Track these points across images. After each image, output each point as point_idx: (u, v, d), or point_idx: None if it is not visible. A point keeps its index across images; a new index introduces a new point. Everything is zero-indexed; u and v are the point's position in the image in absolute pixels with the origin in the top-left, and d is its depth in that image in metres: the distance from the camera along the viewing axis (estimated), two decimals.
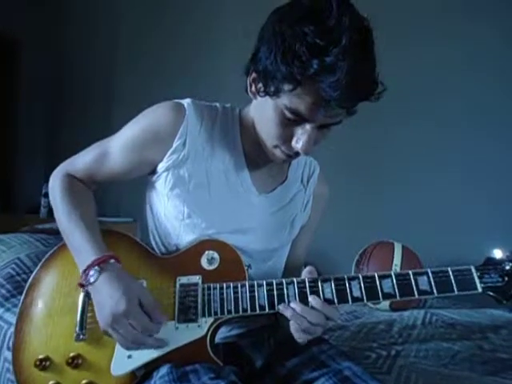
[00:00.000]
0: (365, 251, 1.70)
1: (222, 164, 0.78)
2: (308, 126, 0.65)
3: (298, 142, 0.66)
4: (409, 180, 2.07)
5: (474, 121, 1.95)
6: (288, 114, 0.64)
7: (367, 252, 1.68)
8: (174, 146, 0.75)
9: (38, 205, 2.58)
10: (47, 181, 0.81)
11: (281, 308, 0.67)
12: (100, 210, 0.82)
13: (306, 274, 0.69)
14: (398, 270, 1.55)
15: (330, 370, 0.70)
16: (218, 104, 0.82)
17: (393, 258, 1.60)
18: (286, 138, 0.68)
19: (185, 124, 0.74)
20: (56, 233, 0.85)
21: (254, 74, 0.68)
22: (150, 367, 0.69)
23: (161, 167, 0.77)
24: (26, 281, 0.79)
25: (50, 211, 0.83)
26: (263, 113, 0.69)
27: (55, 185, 0.80)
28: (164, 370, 0.67)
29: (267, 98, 0.66)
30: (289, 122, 0.66)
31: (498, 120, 1.91)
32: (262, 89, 0.65)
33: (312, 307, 0.66)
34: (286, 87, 0.61)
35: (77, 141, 0.83)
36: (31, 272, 0.80)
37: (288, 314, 0.66)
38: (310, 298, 0.66)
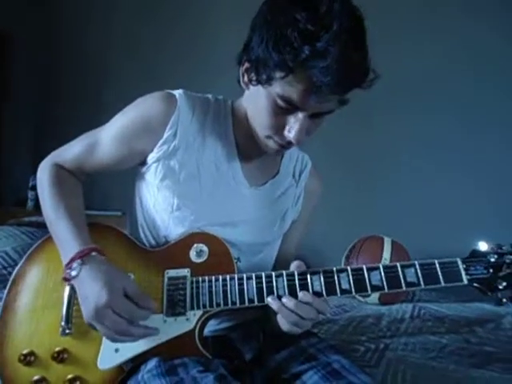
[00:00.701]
0: (354, 246, 1.71)
1: (214, 155, 0.77)
2: (300, 115, 0.65)
3: (291, 131, 0.66)
4: (399, 176, 2.08)
5: (464, 115, 1.97)
6: (280, 103, 0.64)
7: (357, 246, 1.70)
8: (165, 136, 0.74)
9: (25, 198, 2.54)
10: (34, 173, 0.80)
11: (269, 300, 0.66)
12: (88, 203, 0.81)
13: (294, 267, 0.69)
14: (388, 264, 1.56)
15: (318, 362, 0.70)
16: (210, 96, 0.81)
17: (382, 252, 1.62)
18: (279, 127, 0.68)
19: (176, 114, 0.74)
20: (42, 226, 0.84)
21: (246, 64, 0.68)
22: (137, 361, 0.68)
23: (151, 158, 0.76)
24: (11, 274, 0.78)
25: (37, 204, 0.82)
26: (256, 103, 0.69)
27: (43, 176, 0.78)
28: (152, 363, 0.66)
29: (259, 87, 0.66)
30: (281, 111, 0.66)
31: (487, 114, 1.94)
32: (255, 78, 0.65)
33: (302, 301, 0.66)
34: (278, 75, 0.61)
35: (65, 133, 0.82)
36: (17, 265, 0.79)
37: (275, 306, 0.66)
38: (301, 294, 0.66)
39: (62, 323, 0.70)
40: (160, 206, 0.77)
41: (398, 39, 2.01)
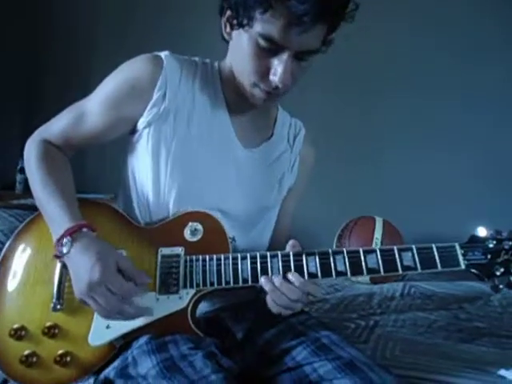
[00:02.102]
0: (347, 226, 1.72)
1: (205, 118, 0.76)
2: (284, 56, 0.64)
3: (276, 73, 0.65)
4: (393, 157, 2.07)
5: (460, 94, 1.94)
6: (262, 43, 0.63)
7: (349, 227, 1.71)
8: (154, 97, 0.72)
9: (14, 181, 2.52)
10: (23, 156, 0.77)
11: (262, 280, 0.66)
12: (79, 185, 0.79)
13: (289, 248, 0.68)
14: (379, 243, 1.59)
15: (307, 338, 0.70)
16: (197, 58, 0.80)
17: (374, 232, 1.63)
18: (263, 72, 0.66)
19: (163, 75, 0.72)
20: (31, 209, 0.81)
21: (227, 12, 0.67)
22: (128, 338, 0.67)
23: (141, 123, 0.74)
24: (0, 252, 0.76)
25: (26, 187, 0.80)
26: (239, 50, 0.68)
27: (30, 152, 0.76)
28: (143, 340, 0.66)
29: (241, 32, 0.66)
30: (264, 54, 0.65)
31: (479, 94, 1.91)
32: (236, 22, 0.65)
33: (292, 283, 0.65)
34: (258, 12, 0.61)
35: (54, 115, 0.79)
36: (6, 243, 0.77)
37: (268, 287, 0.65)
38: (290, 276, 0.65)
39: (54, 299, 0.69)
40: (153, 173, 0.74)
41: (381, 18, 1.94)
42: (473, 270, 0.60)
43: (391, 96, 2.04)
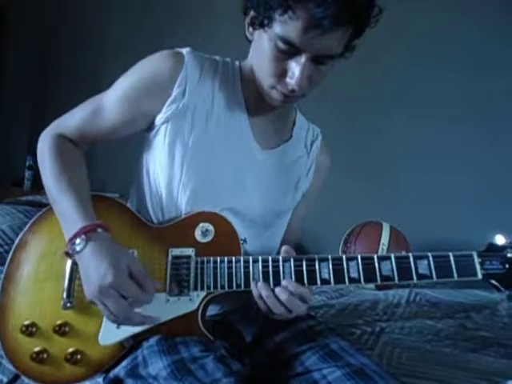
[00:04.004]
0: (353, 231, 1.71)
1: (223, 117, 0.75)
2: (302, 59, 0.63)
3: (292, 76, 0.65)
4: (402, 162, 2.06)
5: (470, 105, 1.93)
6: (280, 45, 0.63)
7: (355, 231, 1.70)
8: (174, 94, 0.72)
9: (23, 178, 2.54)
10: (31, 153, 0.76)
11: (251, 285, 0.66)
12: None
13: (283, 253, 0.67)
14: (386, 249, 1.57)
15: (317, 344, 0.70)
16: (217, 57, 0.79)
17: (380, 237, 1.62)
18: (281, 74, 0.66)
19: (184, 71, 0.72)
20: (40, 205, 0.81)
21: (251, 12, 0.67)
22: (138, 338, 0.67)
23: (159, 119, 0.73)
24: (8, 252, 0.76)
25: (34, 184, 0.79)
26: (259, 50, 0.68)
27: (44, 145, 0.75)
28: (153, 340, 0.66)
29: (262, 32, 0.66)
30: (282, 56, 0.64)
31: (500, 107, 1.90)
32: (257, 22, 0.65)
33: (288, 290, 0.65)
34: (277, 13, 0.61)
35: (63, 112, 0.78)
36: (13, 243, 0.76)
37: (264, 293, 0.65)
38: (285, 282, 0.65)
39: (64, 297, 0.69)
40: (169, 172, 0.74)
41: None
42: (490, 281, 0.59)
43: (400, 102, 2.03)
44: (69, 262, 0.71)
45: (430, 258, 0.62)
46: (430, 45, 1.99)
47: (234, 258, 0.69)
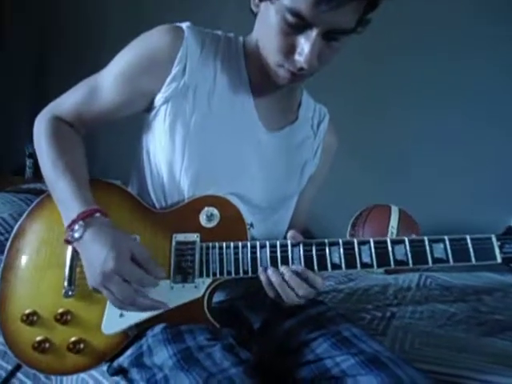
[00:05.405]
0: (361, 214, 1.68)
1: (226, 97, 0.71)
2: (312, 34, 0.59)
3: (301, 53, 0.60)
4: (410, 144, 2.00)
5: (478, 91, 1.86)
6: (289, 18, 0.58)
7: (363, 215, 1.66)
8: (173, 72, 0.68)
9: (24, 166, 2.53)
10: (32, 141, 0.74)
11: (259, 271, 0.64)
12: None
13: (289, 238, 0.64)
14: (395, 232, 1.54)
15: (328, 330, 0.68)
16: (220, 32, 0.75)
17: (389, 220, 1.58)
18: (289, 50, 0.62)
19: (184, 47, 0.68)
20: (40, 193, 0.79)
21: None
22: (142, 327, 0.65)
23: (159, 99, 0.70)
24: (8, 240, 0.74)
25: (35, 172, 0.77)
26: (265, 25, 0.63)
27: (40, 129, 0.72)
28: (158, 328, 0.64)
29: (269, 4, 0.61)
30: (291, 31, 0.60)
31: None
32: None
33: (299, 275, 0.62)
34: None
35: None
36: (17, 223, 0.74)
37: (274, 279, 0.63)
38: (294, 267, 0.63)
39: (65, 285, 0.67)
40: (170, 155, 0.70)
41: None
42: (510, 264, 0.56)
43: (409, 87, 1.97)
44: (69, 250, 0.68)
45: (447, 242, 0.59)
46: (443, 30, 1.90)
47: (240, 244, 0.66)
